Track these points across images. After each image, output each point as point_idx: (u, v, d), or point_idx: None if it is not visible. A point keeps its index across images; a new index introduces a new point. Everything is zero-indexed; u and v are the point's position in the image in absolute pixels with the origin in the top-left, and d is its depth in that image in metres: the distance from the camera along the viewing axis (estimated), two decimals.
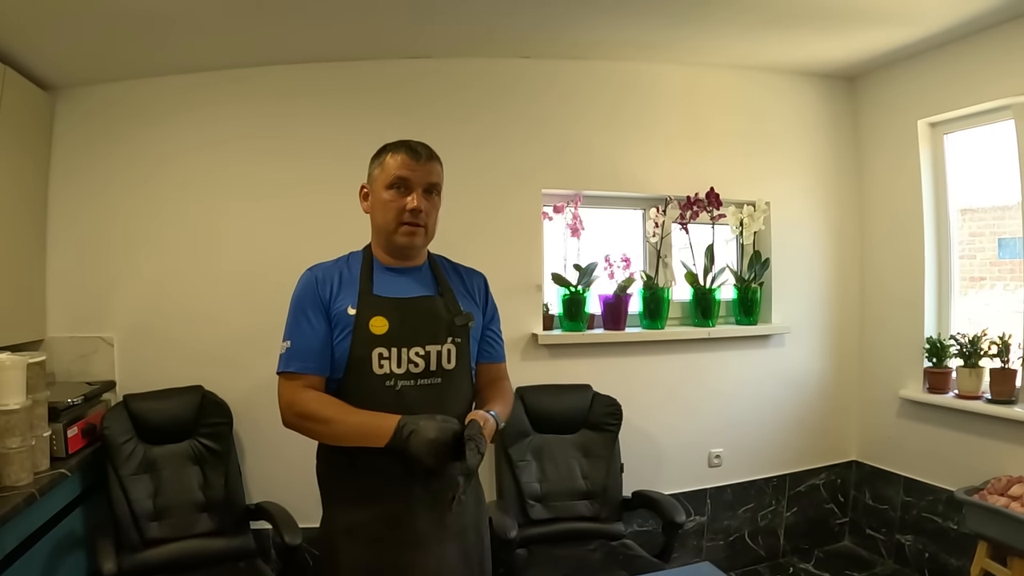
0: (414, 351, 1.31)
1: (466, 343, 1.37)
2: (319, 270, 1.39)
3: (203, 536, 2.10)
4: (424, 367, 1.32)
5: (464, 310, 1.39)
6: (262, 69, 2.37)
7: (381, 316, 1.31)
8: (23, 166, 2.18)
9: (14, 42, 1.99)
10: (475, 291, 1.47)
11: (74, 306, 2.32)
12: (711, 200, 2.59)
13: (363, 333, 1.30)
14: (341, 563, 1.31)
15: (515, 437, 2.33)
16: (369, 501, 1.31)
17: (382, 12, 2.06)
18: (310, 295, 1.35)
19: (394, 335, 1.30)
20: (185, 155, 2.37)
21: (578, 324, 2.54)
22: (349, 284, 1.36)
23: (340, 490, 1.36)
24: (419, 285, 1.39)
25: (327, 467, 1.39)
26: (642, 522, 2.62)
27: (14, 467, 1.74)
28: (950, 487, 2.42)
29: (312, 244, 2.36)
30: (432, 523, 1.30)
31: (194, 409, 2.21)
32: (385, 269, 1.39)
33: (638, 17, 2.21)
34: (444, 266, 1.47)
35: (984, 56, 2.34)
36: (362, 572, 1.26)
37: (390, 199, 1.34)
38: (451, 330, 1.35)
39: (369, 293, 1.34)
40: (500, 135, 2.53)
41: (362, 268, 1.38)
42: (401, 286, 1.37)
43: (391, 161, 1.35)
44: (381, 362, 1.29)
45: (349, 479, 1.33)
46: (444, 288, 1.40)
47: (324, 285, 1.35)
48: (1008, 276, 2.65)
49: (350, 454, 1.28)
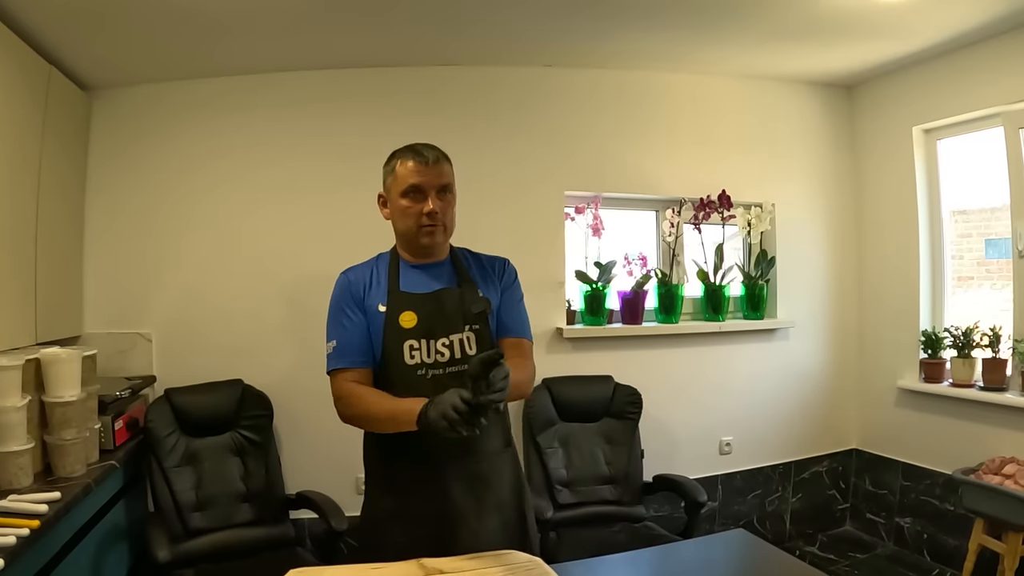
0: (440, 341, 1.39)
1: (485, 329, 1.43)
2: (351, 273, 1.47)
3: (244, 526, 2.16)
4: (450, 356, 1.40)
5: (484, 296, 1.44)
6: (299, 73, 2.46)
7: (410, 311, 1.39)
8: (65, 165, 2.24)
9: (60, 43, 2.05)
10: (494, 274, 1.51)
11: (111, 303, 2.38)
12: (723, 202, 2.73)
13: (394, 327, 1.39)
14: (385, 542, 1.38)
15: (542, 426, 2.44)
16: (407, 487, 1.39)
17: (419, 24, 2.18)
18: (346, 296, 1.43)
19: (422, 328, 1.39)
20: (220, 155, 2.45)
21: (599, 319, 2.67)
22: (379, 283, 1.44)
23: (383, 473, 1.44)
24: (442, 279, 1.46)
25: (371, 452, 1.47)
26: (659, 507, 2.75)
27: (69, 458, 1.80)
28: (946, 470, 2.58)
29: (344, 239, 2.47)
30: (470, 499, 1.39)
31: (235, 402, 2.28)
32: (410, 267, 1.47)
33: (652, 31, 2.36)
34: (465, 257, 1.53)
35: (975, 67, 2.51)
36: (405, 550, 1.31)
37: (407, 205, 1.40)
38: (467, 318, 1.41)
39: (397, 290, 1.42)
40: (522, 138, 2.65)
41: (390, 267, 1.47)
42: (425, 281, 1.45)
43: (402, 169, 1.40)
44: (412, 353, 1.38)
45: (391, 462, 1.41)
46: (464, 279, 1.47)
47: (357, 285, 1.44)
48: (996, 276, 2.82)
49: (391, 438, 1.36)
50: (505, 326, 1.48)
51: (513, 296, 1.51)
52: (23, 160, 1.94)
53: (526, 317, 1.52)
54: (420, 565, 1.24)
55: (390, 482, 1.42)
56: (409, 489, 1.39)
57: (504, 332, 1.47)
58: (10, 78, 1.82)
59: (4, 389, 1.64)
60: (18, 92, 1.88)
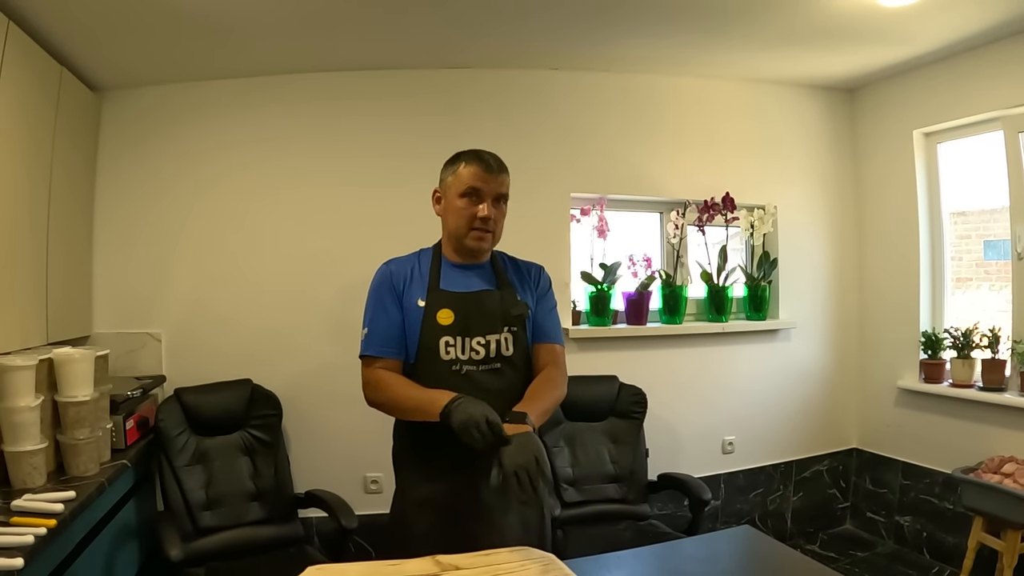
0: (476, 340, 1.44)
1: (522, 331, 1.49)
2: (394, 264, 1.52)
3: (254, 524, 2.18)
4: (485, 354, 1.44)
5: (522, 300, 1.51)
6: (310, 75, 2.48)
7: (447, 309, 1.44)
8: (75, 165, 2.25)
9: (71, 44, 2.06)
10: (530, 280, 1.58)
11: (121, 302, 2.39)
12: (727, 204, 2.76)
13: (431, 323, 1.43)
14: (413, 533, 1.41)
15: (549, 425, 2.47)
16: (439, 476, 1.42)
17: (436, 28, 2.21)
18: (386, 286, 1.48)
19: (459, 325, 1.43)
20: (229, 155, 2.46)
21: (604, 319, 2.70)
22: (420, 278, 1.48)
23: (412, 466, 1.48)
24: (482, 280, 1.51)
25: (401, 444, 1.51)
26: (663, 505, 2.78)
27: (82, 458, 1.81)
28: (946, 469, 2.61)
29: (355, 239, 2.50)
30: (496, 496, 1.40)
31: (244, 401, 2.29)
32: (452, 266, 1.51)
33: (660, 36, 2.39)
34: (505, 262, 1.59)
35: (975, 72, 2.55)
36: (433, 541, 1.34)
37: (463, 206, 1.45)
38: (507, 320, 1.47)
39: (437, 288, 1.47)
40: (529, 140, 2.67)
41: (432, 264, 1.51)
42: (466, 281, 1.49)
43: (465, 171, 1.45)
44: (447, 349, 1.43)
45: (420, 455, 1.45)
46: (503, 283, 1.52)
47: (398, 278, 1.48)
48: (994, 277, 2.85)
49: (421, 432, 1.40)
50: (542, 331, 1.54)
51: (547, 303, 1.58)
52: (36, 161, 1.96)
53: (559, 324, 1.59)
54: (436, 562, 1.25)
55: (424, 473, 1.45)
56: (440, 482, 1.42)
57: (540, 337, 1.53)
58: (24, 79, 1.83)
59: (18, 389, 1.66)
60: (31, 93, 1.90)
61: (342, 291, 2.44)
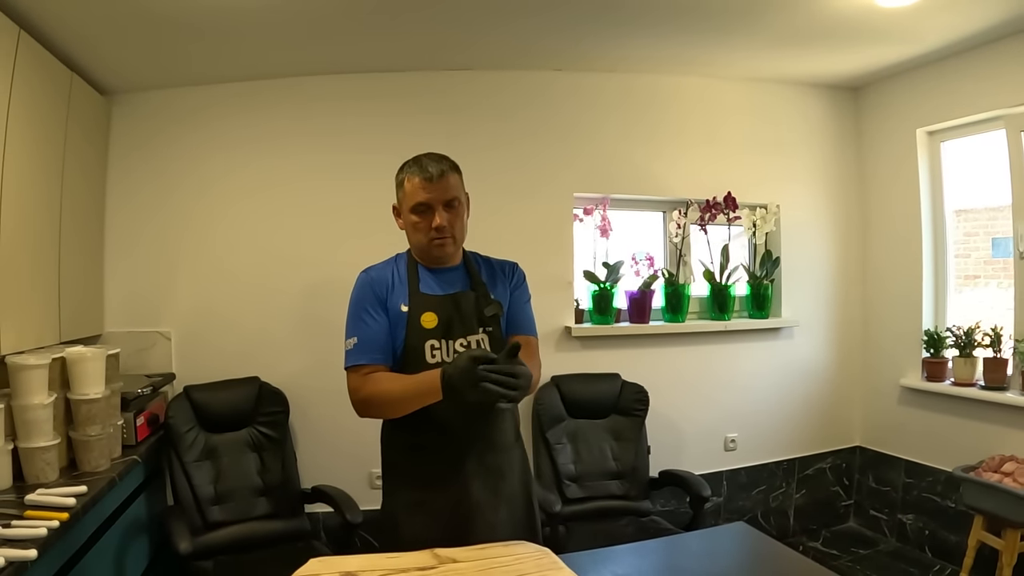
0: (459, 342, 1.45)
1: (497, 331, 1.50)
2: (373, 271, 1.52)
3: (261, 519, 2.23)
4: None
5: (495, 300, 1.50)
6: (314, 78, 2.52)
7: (431, 312, 1.45)
8: (86, 168, 2.29)
9: (81, 51, 2.10)
10: (504, 276, 1.59)
11: (131, 302, 2.44)
12: (728, 203, 2.77)
13: (416, 327, 1.44)
14: (403, 536, 1.42)
15: (552, 422, 2.50)
16: (428, 478, 1.44)
17: (439, 27, 2.22)
18: (368, 294, 1.47)
19: (442, 328, 1.45)
20: (233, 155, 2.50)
21: (607, 318, 2.72)
22: (400, 284, 1.49)
23: (401, 469, 1.49)
24: (456, 282, 1.52)
25: (390, 449, 1.52)
26: (664, 502, 2.80)
27: (94, 454, 1.86)
28: (948, 468, 2.62)
29: (360, 238, 2.52)
30: (487, 493, 1.44)
31: (252, 399, 2.34)
32: (426, 270, 1.52)
33: (663, 36, 2.40)
34: (477, 261, 1.59)
35: (978, 71, 2.54)
36: (423, 543, 1.34)
37: (417, 220, 1.45)
38: (483, 321, 1.47)
39: (418, 292, 1.48)
40: (532, 140, 2.70)
41: (408, 269, 1.52)
42: (441, 284, 1.50)
43: (409, 186, 1.45)
44: (433, 352, 1.44)
45: (409, 458, 1.46)
46: (476, 283, 1.52)
47: (380, 284, 1.48)
48: (1002, 274, 2.83)
49: (410, 435, 1.42)
50: (515, 324, 1.55)
51: (522, 297, 1.58)
52: (48, 163, 2.00)
53: (533, 317, 1.60)
54: (434, 555, 1.29)
55: (411, 476, 1.47)
56: (430, 483, 1.44)
57: (514, 330, 1.54)
58: (36, 85, 1.88)
59: (31, 387, 1.71)
60: (43, 98, 1.94)
61: (349, 290, 2.46)
